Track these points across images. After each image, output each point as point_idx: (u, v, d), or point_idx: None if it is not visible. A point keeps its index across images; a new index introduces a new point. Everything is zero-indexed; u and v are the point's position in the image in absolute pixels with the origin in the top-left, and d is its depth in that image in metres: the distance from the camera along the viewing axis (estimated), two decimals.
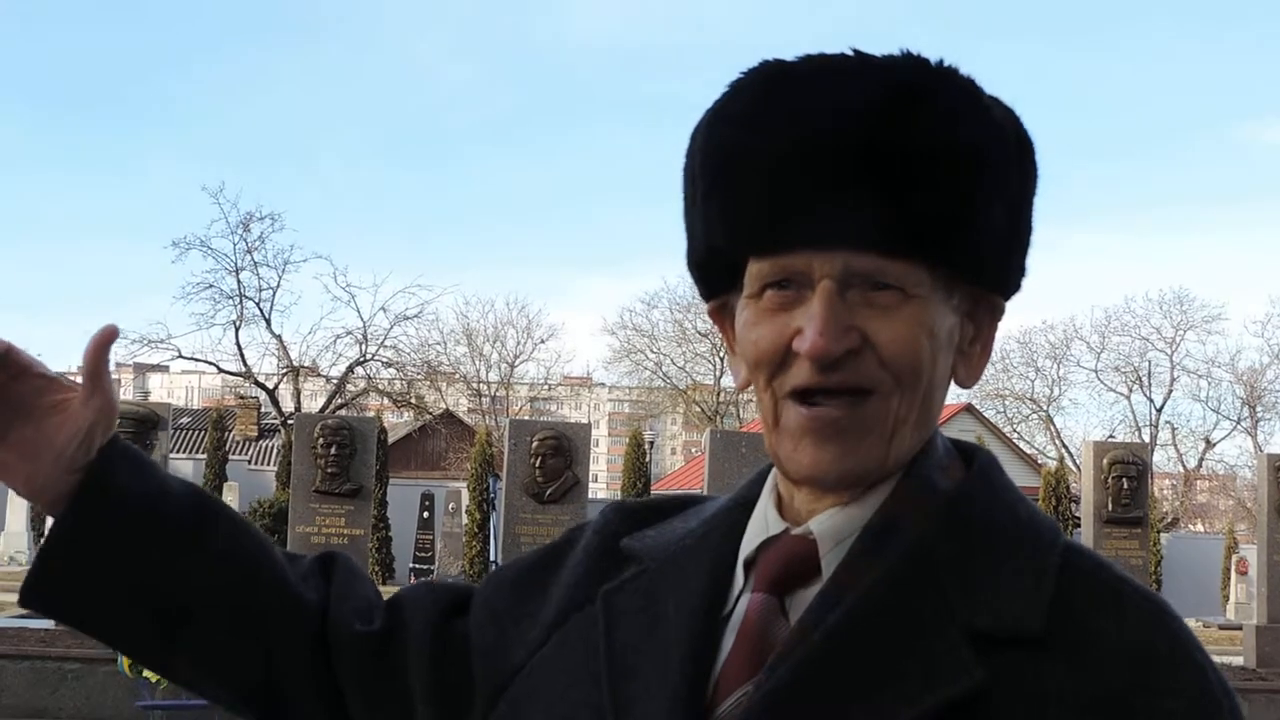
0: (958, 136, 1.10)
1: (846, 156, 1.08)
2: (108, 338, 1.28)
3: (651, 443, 38.15)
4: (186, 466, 30.99)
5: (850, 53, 1.13)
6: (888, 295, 1.10)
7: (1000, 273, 1.18)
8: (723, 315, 1.22)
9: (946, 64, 1.14)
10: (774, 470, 1.22)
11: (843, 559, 1.13)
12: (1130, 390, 48.85)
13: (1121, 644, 1.06)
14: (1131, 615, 1.08)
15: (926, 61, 1.13)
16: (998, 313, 1.20)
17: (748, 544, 1.19)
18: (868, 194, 1.08)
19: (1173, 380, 48.44)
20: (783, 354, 1.12)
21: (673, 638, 1.15)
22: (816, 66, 1.13)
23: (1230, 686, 1.09)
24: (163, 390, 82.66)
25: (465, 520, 28.16)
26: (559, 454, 13.13)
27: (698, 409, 50.82)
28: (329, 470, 13.17)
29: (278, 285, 36.10)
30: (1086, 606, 1.08)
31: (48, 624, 12.53)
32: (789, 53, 1.15)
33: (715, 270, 1.19)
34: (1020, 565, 1.11)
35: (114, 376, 1.35)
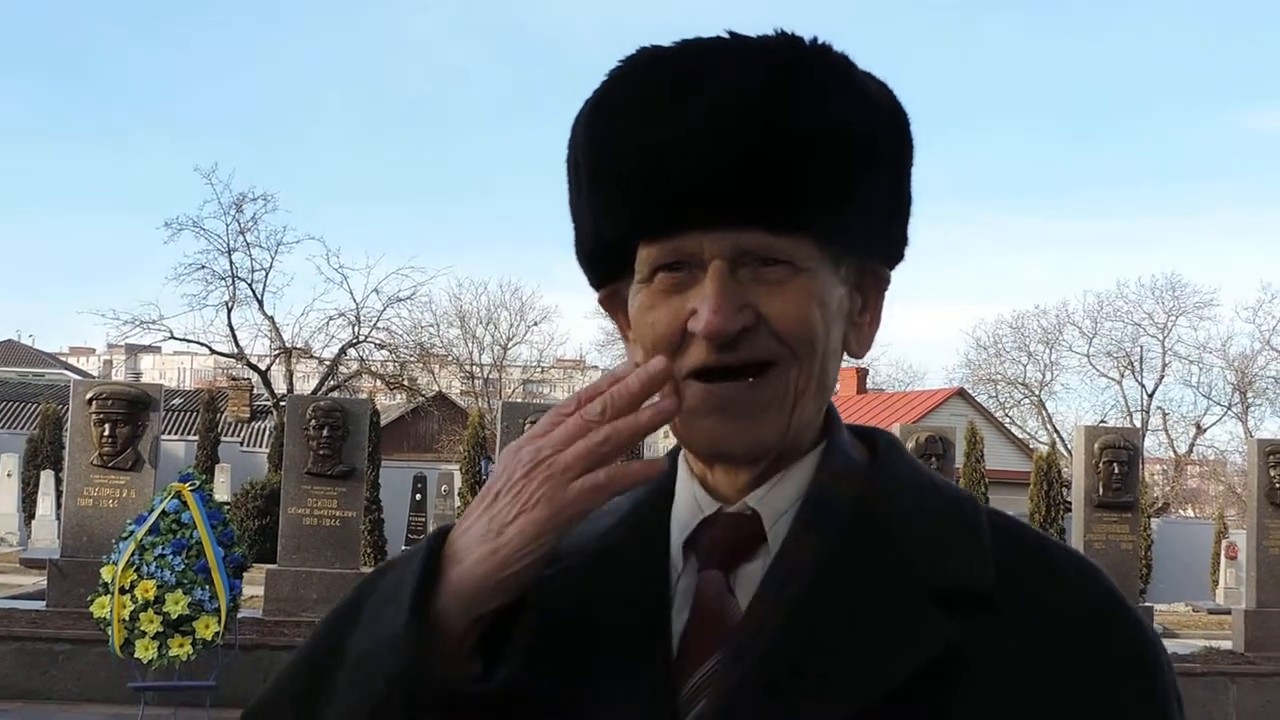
0: (835, 113, 1.12)
1: (729, 139, 1.10)
2: None
3: None
4: (178, 448, 30.95)
5: (726, 35, 1.15)
6: (778, 270, 1.12)
7: (884, 243, 1.21)
8: (614, 302, 1.23)
9: (821, 42, 1.16)
10: (683, 456, 1.23)
11: (787, 533, 1.16)
12: (1122, 375, 48.99)
13: (1063, 600, 1.12)
14: (1067, 572, 1.15)
15: (801, 40, 1.15)
16: (884, 283, 1.23)
17: (681, 527, 1.21)
18: (752, 173, 1.10)
19: (1164, 365, 48.59)
20: (679, 336, 1.13)
21: (626, 628, 1.15)
22: (694, 51, 1.14)
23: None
24: (155, 371, 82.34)
25: (458, 502, 28.18)
26: None
27: None
28: (321, 452, 13.18)
29: (270, 266, 35.98)
30: (1022, 565, 1.14)
31: (38, 605, 12.53)
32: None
33: (606, 259, 1.20)
34: (957, 527, 1.16)
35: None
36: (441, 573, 1.08)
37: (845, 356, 1.22)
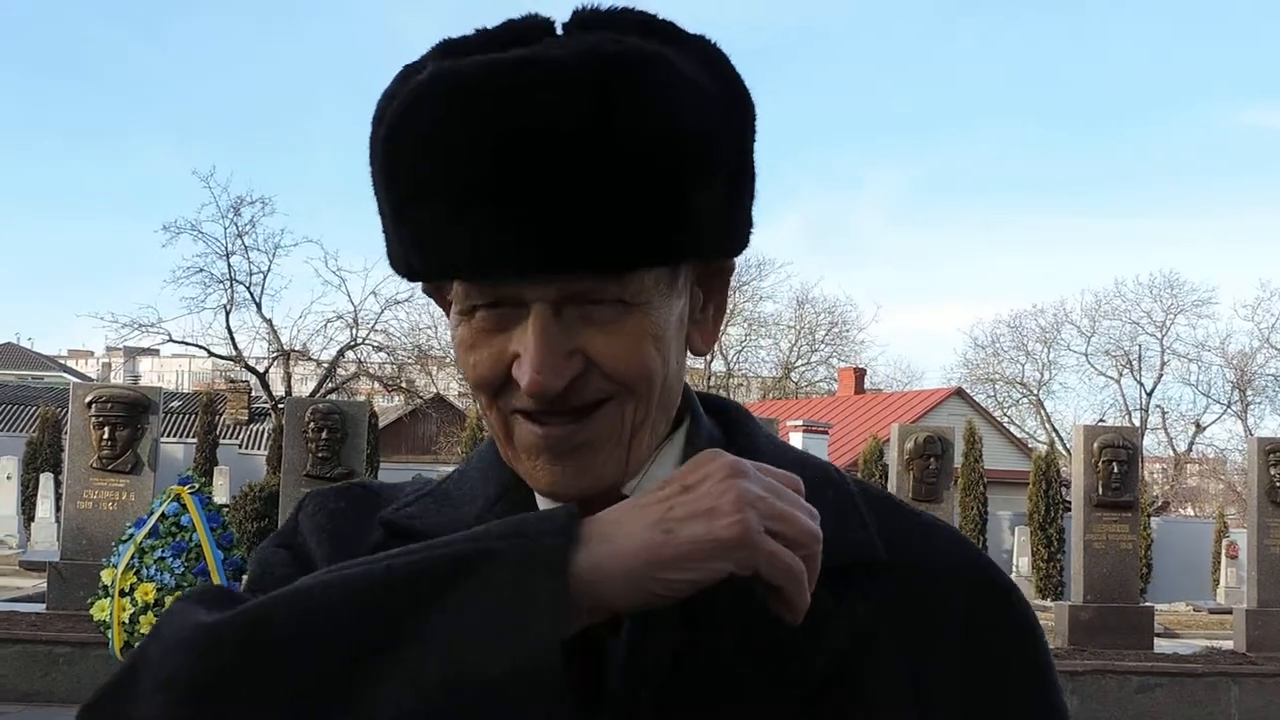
0: (662, 123, 0.99)
1: (540, 173, 0.97)
2: None
3: None
4: (177, 451, 30.93)
5: (527, 49, 1.01)
6: (607, 310, 1.02)
7: (726, 238, 1.09)
8: (439, 294, 1.12)
9: (634, 20, 1.04)
10: None
11: None
12: (1120, 374, 49.11)
13: (948, 565, 1.12)
14: (942, 535, 1.15)
15: (617, 40, 1.01)
16: (727, 272, 1.14)
17: None
18: (570, 211, 0.98)
19: (1163, 364, 48.74)
20: (503, 379, 1.05)
21: None
22: (493, 70, 0.99)
23: None
24: (153, 374, 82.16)
25: None
26: None
27: None
28: (320, 454, 13.18)
29: (268, 269, 35.92)
30: (900, 531, 1.12)
31: (38, 608, 12.51)
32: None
33: (420, 280, 1.09)
34: (835, 498, 1.12)
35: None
36: (575, 550, 0.92)
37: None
